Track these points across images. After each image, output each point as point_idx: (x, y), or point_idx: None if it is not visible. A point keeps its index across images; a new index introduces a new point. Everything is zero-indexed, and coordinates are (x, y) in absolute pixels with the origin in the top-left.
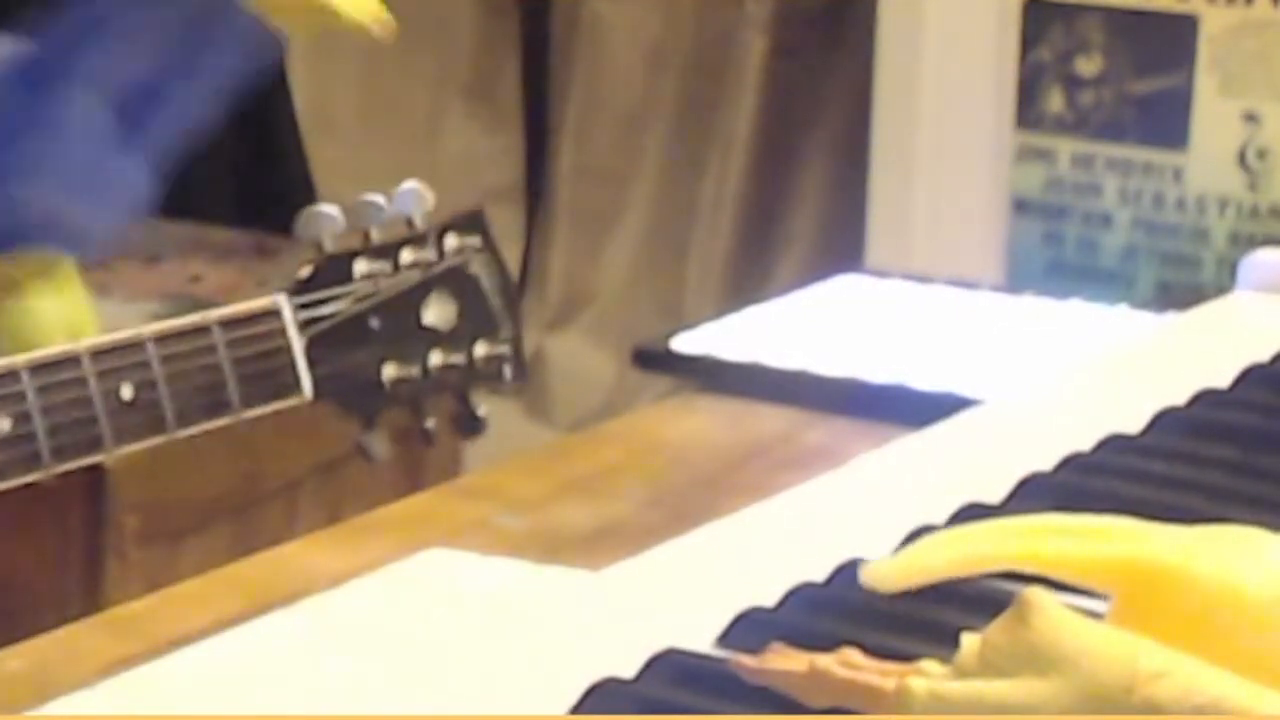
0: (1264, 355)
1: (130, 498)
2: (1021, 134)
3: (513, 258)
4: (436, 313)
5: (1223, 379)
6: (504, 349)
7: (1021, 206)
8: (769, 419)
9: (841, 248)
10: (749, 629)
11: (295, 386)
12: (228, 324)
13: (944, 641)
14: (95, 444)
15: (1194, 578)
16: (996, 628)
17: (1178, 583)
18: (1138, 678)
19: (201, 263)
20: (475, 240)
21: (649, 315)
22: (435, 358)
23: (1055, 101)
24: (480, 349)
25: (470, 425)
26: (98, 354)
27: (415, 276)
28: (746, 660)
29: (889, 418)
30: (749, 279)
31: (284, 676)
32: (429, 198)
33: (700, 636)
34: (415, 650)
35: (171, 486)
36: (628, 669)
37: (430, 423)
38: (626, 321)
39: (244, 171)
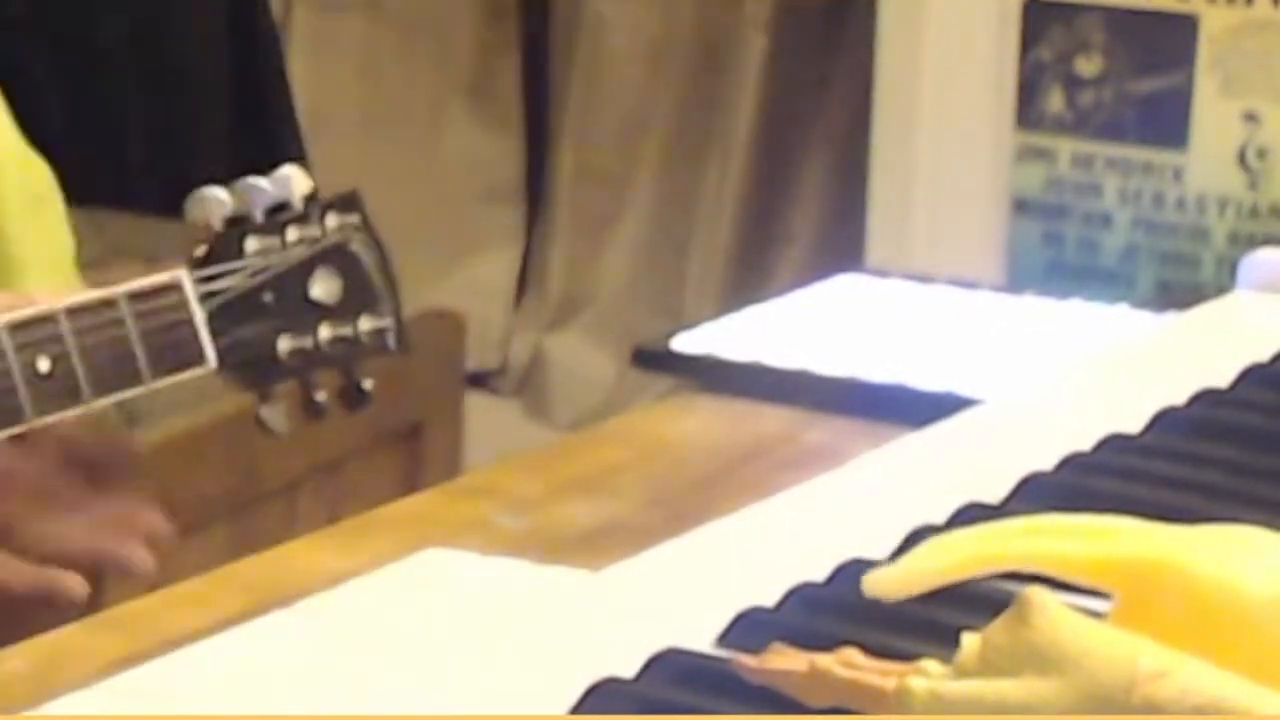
0: (1264, 355)
1: None
2: (1021, 134)
3: (513, 258)
4: (322, 288)
5: (1223, 379)
6: (387, 321)
7: (1021, 206)
8: (769, 419)
9: (841, 248)
10: (749, 629)
11: (200, 357)
12: (134, 297)
13: (944, 641)
14: (16, 415)
15: (1195, 577)
16: (997, 627)
17: (1179, 582)
18: (1138, 677)
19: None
20: (354, 219)
21: (649, 315)
22: (324, 330)
23: (1055, 101)
24: (365, 323)
25: (357, 399)
26: (15, 328)
27: (301, 252)
28: (747, 660)
29: (889, 417)
30: (749, 279)
31: (284, 676)
32: (305, 181)
33: (700, 636)
34: (415, 650)
35: (171, 486)
36: (628, 669)
37: (321, 395)
38: (626, 321)
39: (244, 171)
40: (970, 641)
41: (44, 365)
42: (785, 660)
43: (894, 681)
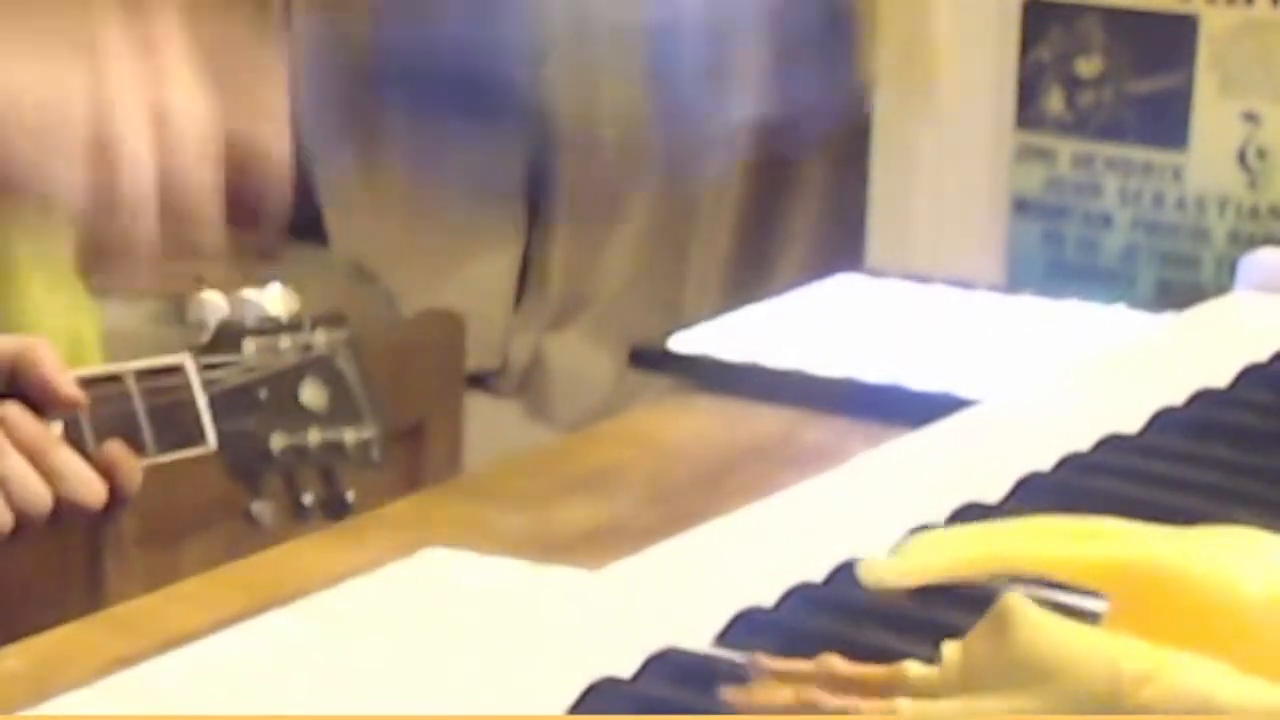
0: (1263, 355)
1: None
2: (1021, 134)
3: (513, 258)
4: (311, 394)
5: (1221, 378)
6: (369, 434)
7: (1021, 206)
8: (768, 419)
9: (841, 248)
10: (747, 628)
11: (201, 437)
12: (141, 374)
13: (941, 642)
14: None
15: (1192, 578)
16: (977, 637)
17: (1176, 583)
18: (1121, 685)
19: (202, 264)
20: (341, 335)
21: (649, 315)
22: (314, 434)
23: (1055, 101)
24: (349, 435)
25: (338, 508)
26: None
27: (292, 358)
28: (733, 694)
29: (887, 418)
30: (749, 279)
31: (283, 676)
32: (295, 299)
33: (699, 636)
34: (414, 649)
35: (171, 487)
36: (626, 668)
37: (307, 499)
38: (626, 321)
39: None
40: (951, 651)
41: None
42: (770, 693)
43: (879, 705)
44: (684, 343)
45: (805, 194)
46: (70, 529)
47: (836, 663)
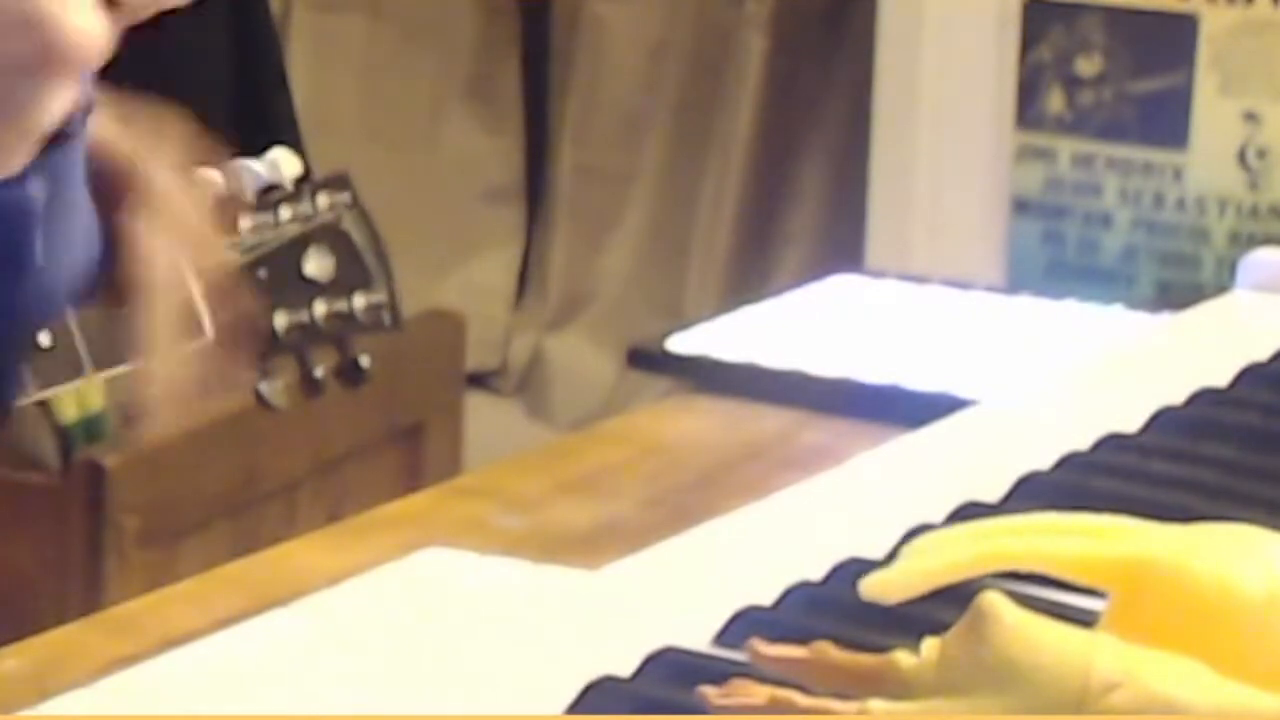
0: (1262, 354)
1: (130, 498)
2: (1021, 134)
3: (513, 258)
4: (316, 265)
5: (1221, 378)
6: (380, 298)
7: (1021, 206)
8: (767, 419)
9: (841, 248)
10: (746, 628)
11: (199, 329)
12: None
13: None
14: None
15: (1192, 576)
16: (953, 638)
17: (1176, 581)
18: (1089, 692)
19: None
20: (345, 198)
21: (649, 315)
22: (319, 307)
23: (1055, 101)
24: (359, 300)
25: (355, 376)
26: None
27: (294, 230)
28: (709, 693)
29: (886, 418)
30: (749, 279)
31: (283, 676)
32: (295, 162)
33: (698, 635)
34: (413, 649)
35: (171, 486)
36: (625, 668)
37: (319, 372)
38: (626, 321)
39: None
40: (930, 648)
41: (45, 339)
42: (747, 692)
43: (854, 706)
44: (683, 343)
45: (805, 194)
46: (71, 529)
47: (831, 650)
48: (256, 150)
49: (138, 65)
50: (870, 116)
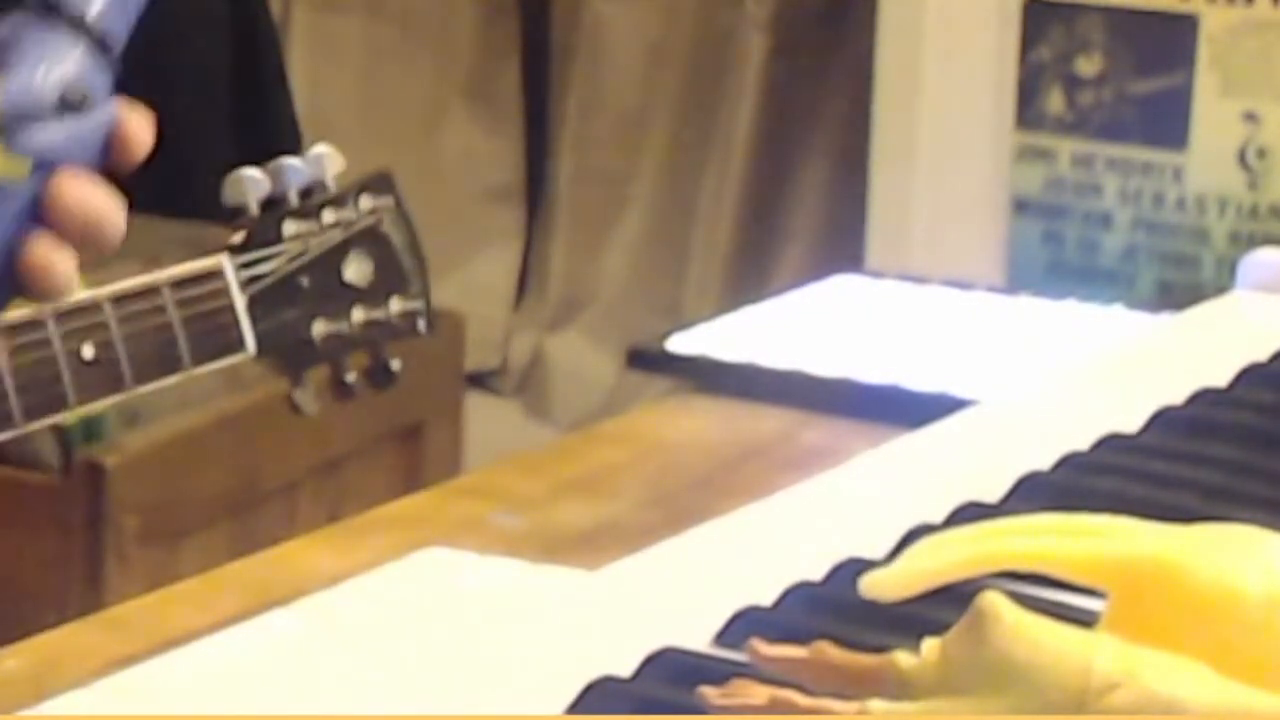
0: (1262, 354)
1: (130, 498)
2: (1021, 134)
3: (513, 258)
4: (356, 270)
5: (1221, 378)
6: (417, 304)
7: (1021, 206)
8: (767, 419)
9: (841, 248)
10: (746, 628)
11: (240, 343)
12: (177, 284)
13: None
14: (59, 401)
15: (1192, 576)
16: (953, 638)
17: (1176, 581)
18: (1089, 692)
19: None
20: (387, 200)
21: (649, 315)
22: (357, 313)
23: (1055, 101)
24: (395, 305)
25: (384, 378)
26: (61, 315)
27: (337, 235)
28: (709, 693)
29: (885, 419)
30: (749, 279)
31: (283, 676)
32: (338, 160)
33: (698, 635)
34: (413, 649)
35: (171, 486)
36: (625, 668)
37: (351, 376)
38: (626, 321)
39: None
40: (930, 649)
41: (89, 352)
42: (746, 691)
43: (854, 706)
44: (683, 343)
45: (805, 194)
46: (71, 529)
47: (831, 650)
48: (256, 150)
49: (136, 66)
50: (870, 116)
